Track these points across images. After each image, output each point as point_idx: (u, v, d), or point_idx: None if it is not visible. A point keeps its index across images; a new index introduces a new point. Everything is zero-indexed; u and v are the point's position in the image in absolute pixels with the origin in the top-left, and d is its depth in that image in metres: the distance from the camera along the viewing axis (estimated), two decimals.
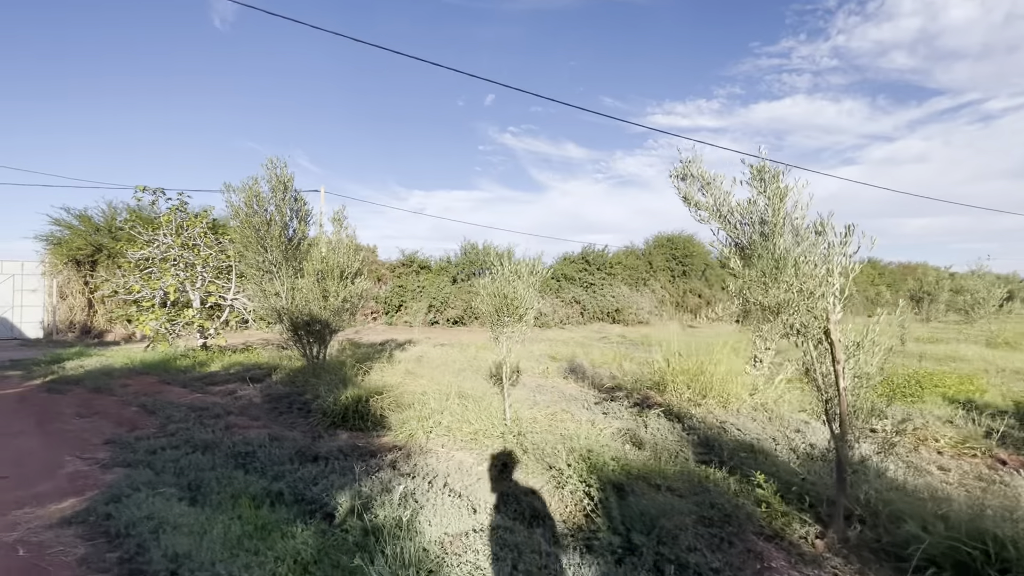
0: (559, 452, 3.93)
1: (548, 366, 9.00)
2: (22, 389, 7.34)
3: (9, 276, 16.23)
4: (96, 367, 8.84)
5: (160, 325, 9.43)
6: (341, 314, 7.80)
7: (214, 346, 10.37)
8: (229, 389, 7.39)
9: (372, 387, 6.03)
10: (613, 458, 3.57)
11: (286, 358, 9.54)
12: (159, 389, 7.38)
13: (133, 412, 6.03)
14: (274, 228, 7.19)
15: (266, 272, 7.42)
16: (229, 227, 10.36)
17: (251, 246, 7.20)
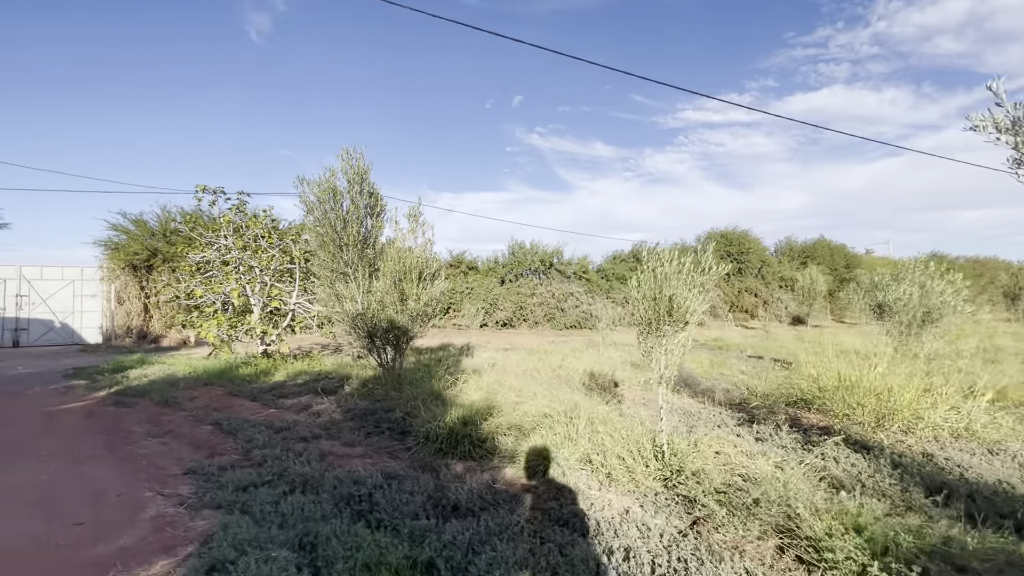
0: (769, 501, 2.98)
1: (641, 376, 8.01)
2: (88, 402, 6.86)
3: (70, 282, 16.32)
4: (160, 377, 8.36)
5: (223, 332, 8.91)
6: (420, 319, 7.03)
7: (275, 353, 9.81)
8: (303, 403, 6.71)
9: (475, 405, 5.19)
10: (903, 529, 2.54)
11: (353, 366, 8.87)
12: (229, 403, 6.77)
13: (208, 432, 5.38)
14: (351, 225, 6.47)
15: (340, 274, 6.71)
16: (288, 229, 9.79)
17: (326, 245, 6.51)
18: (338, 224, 6.48)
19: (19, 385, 8.07)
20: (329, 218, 6.46)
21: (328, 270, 6.84)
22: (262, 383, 8.26)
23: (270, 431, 5.25)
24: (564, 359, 9.13)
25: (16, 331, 15.49)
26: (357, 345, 7.68)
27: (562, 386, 7.23)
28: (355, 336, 7.18)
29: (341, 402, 6.72)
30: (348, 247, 6.56)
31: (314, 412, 6.20)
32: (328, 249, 6.52)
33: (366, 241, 6.71)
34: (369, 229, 6.74)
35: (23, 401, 6.79)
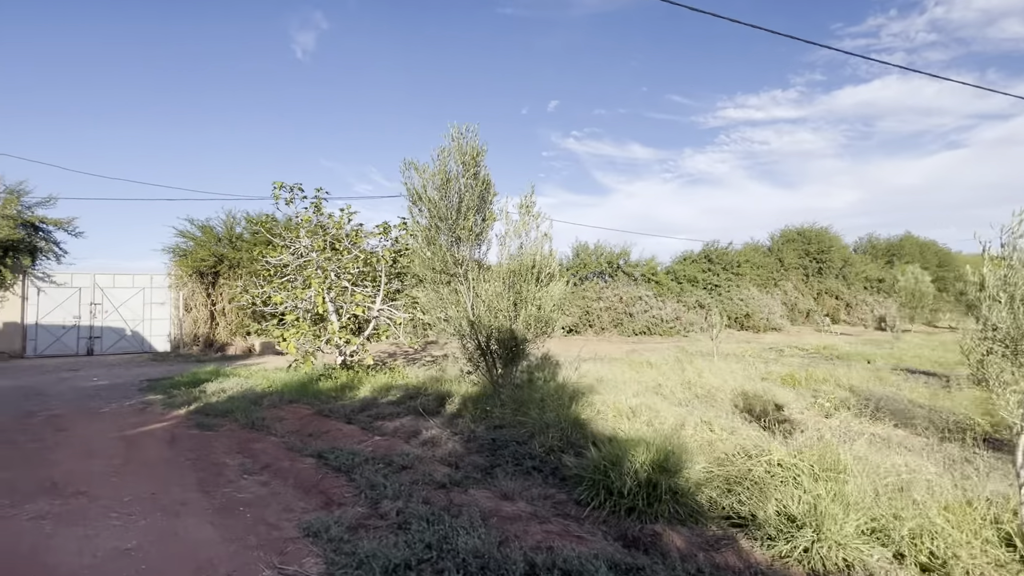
0: None
1: (801, 398, 6.58)
2: (168, 422, 6.09)
3: (140, 289, 16.25)
4: (238, 392, 7.59)
5: (307, 342, 8.09)
6: (536, 327, 5.89)
7: (354, 364, 8.92)
8: (407, 427, 5.69)
9: (649, 441, 3.96)
10: None
11: (445, 380, 7.84)
12: (322, 426, 5.84)
13: (312, 468, 4.40)
14: (466, 217, 5.42)
15: (448, 275, 5.67)
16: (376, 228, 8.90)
17: (434, 242, 5.48)
18: (450, 216, 5.44)
19: (97, 401, 7.46)
20: (440, 209, 5.43)
21: (432, 270, 5.81)
22: (349, 400, 7.34)
23: (389, 469, 4.21)
24: (696, 374, 7.77)
25: (91, 339, 15.48)
26: (462, 357, 6.64)
27: (705, 406, 5.93)
28: (462, 347, 6.12)
29: (451, 426, 5.66)
30: (461, 242, 5.51)
31: (427, 441, 5.15)
32: (437, 246, 5.49)
33: (479, 236, 5.64)
34: (481, 222, 5.66)
35: (102, 422, 6.09)
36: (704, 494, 3.48)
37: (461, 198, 5.44)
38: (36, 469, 4.24)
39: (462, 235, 5.49)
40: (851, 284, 27.49)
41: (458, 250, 5.63)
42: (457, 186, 5.45)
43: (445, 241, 5.56)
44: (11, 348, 14.58)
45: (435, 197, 5.45)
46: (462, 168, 5.41)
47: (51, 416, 6.34)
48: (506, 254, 5.99)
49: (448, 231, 5.49)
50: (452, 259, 5.65)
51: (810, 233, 27.09)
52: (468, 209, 5.44)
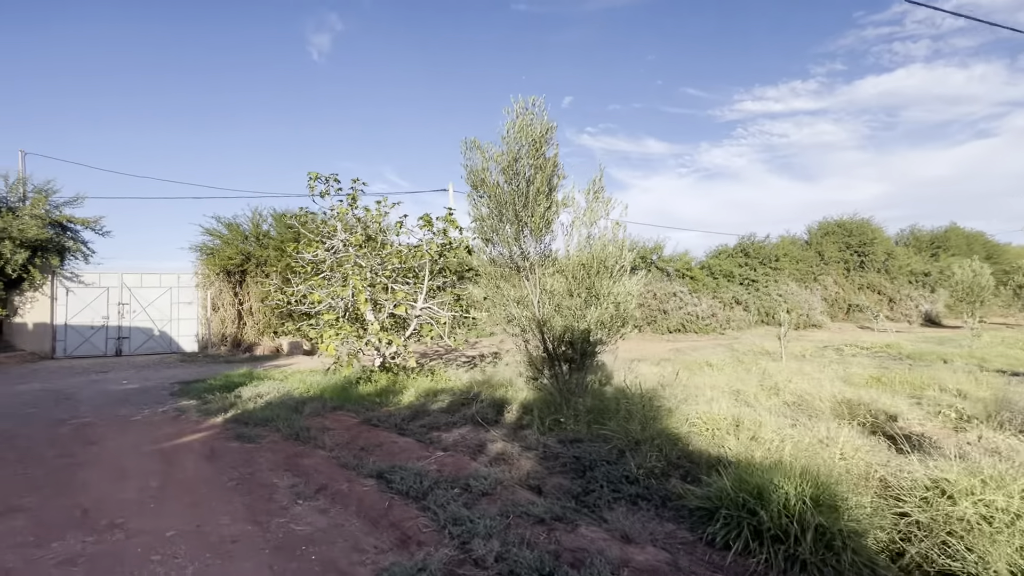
0: None
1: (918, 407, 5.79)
2: (205, 432, 5.57)
3: (167, 289, 15.98)
4: (276, 397, 7.07)
5: (348, 343, 7.54)
6: (609, 326, 5.22)
7: (394, 366, 8.36)
8: (469, 440, 5.08)
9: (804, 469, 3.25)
10: None
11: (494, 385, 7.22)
12: (374, 438, 5.25)
13: (375, 492, 3.80)
14: (536, 203, 4.76)
15: (511, 269, 5.03)
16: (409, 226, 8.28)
17: (499, 231, 4.84)
18: (516, 202, 4.79)
19: (127, 407, 7.01)
20: (505, 194, 4.79)
21: (493, 264, 5.18)
22: (394, 406, 6.76)
23: (467, 496, 3.59)
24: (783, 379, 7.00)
25: (119, 340, 15.26)
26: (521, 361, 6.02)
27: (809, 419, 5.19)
28: (524, 350, 5.48)
29: (517, 438, 5.03)
30: (528, 232, 4.86)
31: (497, 458, 4.52)
32: (503, 236, 4.85)
33: (549, 225, 4.98)
34: (548, 209, 4.99)
35: (135, 432, 5.60)
36: (873, 537, 2.78)
37: (530, 181, 4.78)
38: (65, 493, 3.72)
39: (530, 224, 4.84)
40: (894, 278, 26.16)
41: (523, 241, 4.98)
42: (525, 168, 4.79)
43: (510, 231, 4.92)
44: (41, 349, 14.41)
45: (500, 181, 4.80)
46: (530, 147, 4.75)
47: (81, 425, 5.88)
48: (573, 245, 5.32)
49: (514, 219, 4.84)
50: (518, 251, 5.01)
51: (851, 225, 25.84)
52: (538, 193, 4.79)
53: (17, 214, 13.79)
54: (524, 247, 5.00)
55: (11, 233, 13.42)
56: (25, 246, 13.69)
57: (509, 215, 4.85)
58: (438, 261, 7.66)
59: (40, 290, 14.50)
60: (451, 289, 8.07)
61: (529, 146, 4.73)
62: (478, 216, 5.08)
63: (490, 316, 5.53)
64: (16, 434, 5.43)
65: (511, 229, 4.91)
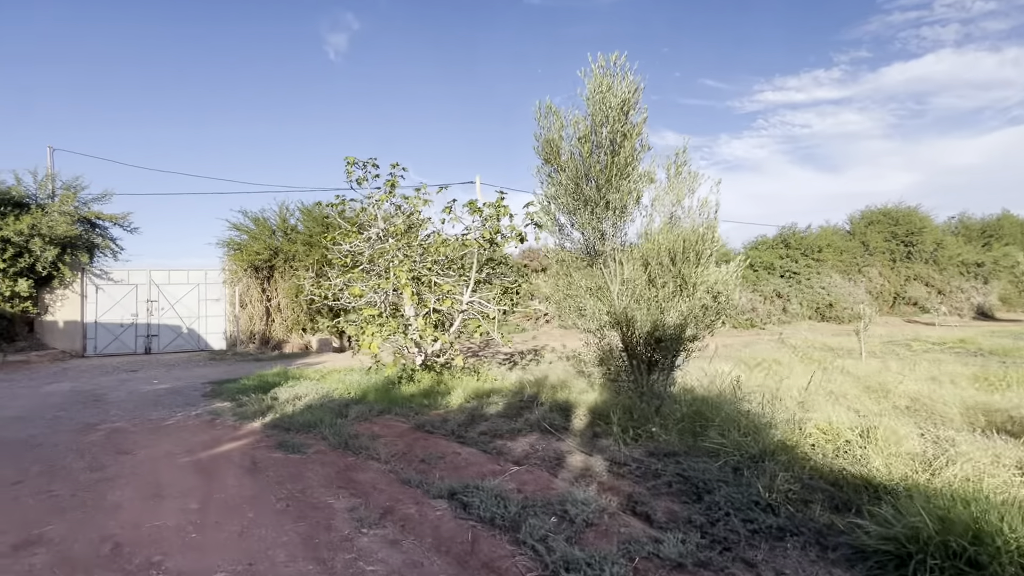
0: None
1: None
2: (243, 441, 5.04)
3: (195, 285, 15.72)
4: (315, 399, 6.54)
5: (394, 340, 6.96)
6: (706, 318, 4.52)
7: (435, 364, 7.77)
8: (541, 451, 4.45)
9: None
10: None
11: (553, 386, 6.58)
12: (432, 447, 4.66)
13: (451, 518, 3.19)
14: (621, 177, 4.08)
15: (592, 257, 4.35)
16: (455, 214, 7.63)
17: (577, 213, 4.18)
18: (600, 176, 4.11)
19: (159, 409, 6.57)
20: (585, 167, 4.11)
21: (564, 250, 4.51)
22: (444, 409, 6.17)
23: (567, 526, 2.95)
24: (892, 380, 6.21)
25: (148, 337, 15.05)
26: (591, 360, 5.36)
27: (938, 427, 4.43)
28: (597, 347, 4.82)
29: (595, 449, 4.39)
30: (609, 213, 4.18)
31: (582, 474, 3.88)
32: (580, 217, 4.18)
33: (637, 203, 4.30)
34: (631, 185, 4.30)
35: (168, 439, 5.10)
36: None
37: (615, 150, 4.10)
38: (94, 519, 3.19)
39: (614, 201, 4.16)
40: (943, 269, 24.72)
41: (602, 222, 4.30)
42: (608, 135, 4.11)
43: (588, 211, 4.25)
44: (72, 347, 14.26)
45: (578, 152, 4.13)
46: (617, 111, 4.06)
47: (111, 431, 5.41)
48: (655, 228, 4.62)
49: (595, 196, 4.17)
50: (596, 235, 4.33)
51: (897, 213, 24.47)
52: (625, 165, 4.10)
53: (46, 211, 13.61)
54: (603, 229, 4.32)
55: (41, 230, 13.24)
56: (55, 243, 13.51)
57: (589, 191, 4.18)
58: (487, 250, 7.03)
59: (70, 287, 14.34)
60: (499, 281, 7.44)
61: (615, 110, 4.05)
62: (549, 195, 4.42)
63: (558, 310, 4.88)
64: (42, 442, 4.98)
65: (590, 208, 4.24)
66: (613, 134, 4.07)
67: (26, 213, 13.29)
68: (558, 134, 4.25)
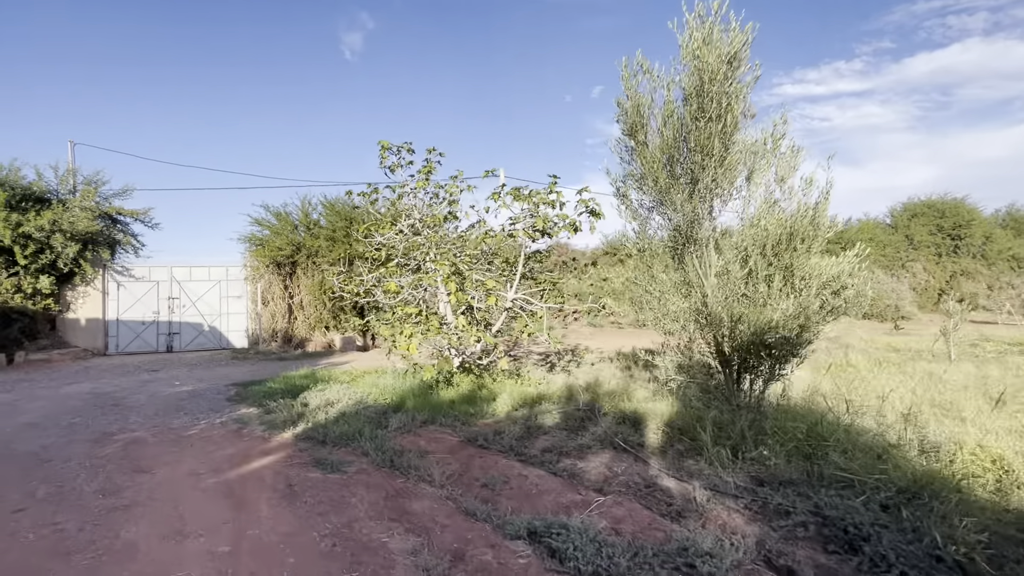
0: None
1: None
2: (275, 456, 4.46)
3: (216, 282, 15.35)
4: (349, 405, 5.95)
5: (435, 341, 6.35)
6: (818, 317, 3.80)
7: (473, 367, 7.14)
8: (619, 473, 3.78)
9: None
10: None
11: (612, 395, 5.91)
12: (491, 466, 4.02)
13: (539, 570, 2.54)
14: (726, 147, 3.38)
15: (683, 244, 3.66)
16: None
17: (671, 189, 3.48)
18: (701, 150, 3.41)
19: (181, 416, 6.05)
20: (676, 141, 3.42)
21: (644, 238, 3.82)
22: (492, 418, 5.54)
23: None
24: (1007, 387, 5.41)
25: (170, 335, 14.73)
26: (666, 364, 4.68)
27: None
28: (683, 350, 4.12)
29: (686, 471, 3.70)
30: (711, 189, 3.47)
31: (684, 507, 3.19)
32: (671, 199, 3.49)
33: (749, 178, 3.59)
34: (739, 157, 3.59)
35: (191, 453, 4.55)
36: None
37: (721, 114, 3.38)
38: (103, 566, 2.60)
39: (719, 180, 3.45)
40: (992, 263, 23.37)
41: (698, 204, 3.60)
42: (715, 98, 3.39)
43: (682, 193, 3.55)
44: (94, 345, 13.98)
45: (685, 116, 3.41)
46: (724, 68, 3.34)
47: (129, 443, 4.88)
48: (754, 211, 3.90)
49: (696, 169, 3.46)
50: (687, 220, 3.63)
51: (943, 206, 23.18)
52: (732, 134, 3.39)
53: (67, 206, 13.31)
54: (697, 213, 3.62)
55: (62, 226, 12.94)
56: (76, 239, 13.21)
57: (686, 165, 3.48)
58: (536, 240, 6.36)
59: (92, 284, 14.06)
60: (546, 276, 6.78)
61: (722, 64, 3.33)
62: (630, 174, 3.74)
63: (634, 308, 4.20)
64: (53, 456, 4.46)
65: (684, 187, 3.54)
66: (719, 95, 3.37)
67: (47, 208, 13.00)
68: (650, 97, 3.56)
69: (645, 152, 3.62)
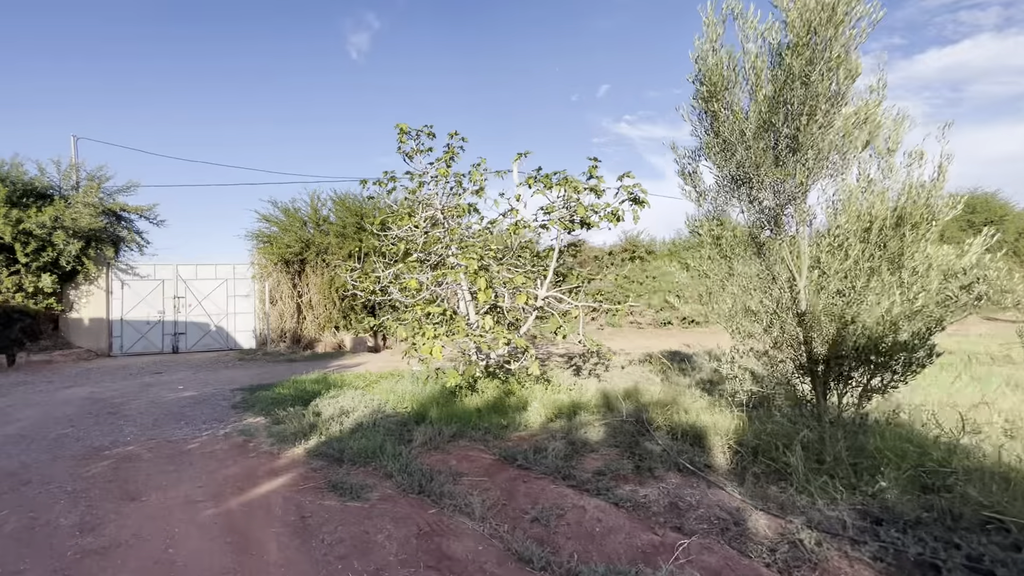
0: None
1: None
2: (285, 477, 3.88)
3: (222, 281, 14.86)
4: (366, 415, 5.36)
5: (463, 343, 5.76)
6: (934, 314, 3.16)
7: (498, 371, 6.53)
8: (690, 502, 3.16)
9: None
10: None
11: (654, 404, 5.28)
12: (541, 495, 3.40)
13: None
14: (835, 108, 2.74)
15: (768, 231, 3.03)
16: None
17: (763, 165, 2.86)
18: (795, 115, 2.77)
19: (181, 426, 5.50)
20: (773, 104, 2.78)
21: (718, 224, 3.19)
22: (526, 430, 4.93)
23: None
24: None
25: (175, 336, 14.25)
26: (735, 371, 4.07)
27: None
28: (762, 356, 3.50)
29: (771, 500, 3.07)
30: (797, 166, 2.84)
31: (791, 555, 2.56)
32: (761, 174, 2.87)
33: (864, 146, 2.95)
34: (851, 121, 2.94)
35: (189, 474, 3.98)
36: None
37: (832, 69, 2.73)
38: None
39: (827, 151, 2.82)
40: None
41: (792, 182, 2.97)
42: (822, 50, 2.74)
43: (775, 168, 2.92)
44: (98, 346, 13.53)
45: (792, 68, 2.76)
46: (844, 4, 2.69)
47: (121, 459, 4.32)
48: (853, 189, 3.25)
49: (790, 142, 2.83)
50: (777, 200, 3.00)
51: (973, 200, 22.23)
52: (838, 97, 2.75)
53: (69, 202, 12.86)
54: (792, 192, 2.98)
55: (64, 222, 12.49)
56: (78, 236, 12.76)
57: (784, 133, 2.84)
58: (572, 231, 5.73)
59: (95, 283, 13.61)
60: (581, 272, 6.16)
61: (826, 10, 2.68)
62: (711, 145, 3.11)
63: (707, 307, 3.58)
64: (32, 477, 3.90)
65: (780, 159, 2.90)
66: (829, 45, 2.73)
67: (49, 204, 12.55)
68: (741, 49, 2.92)
69: (730, 118, 2.99)
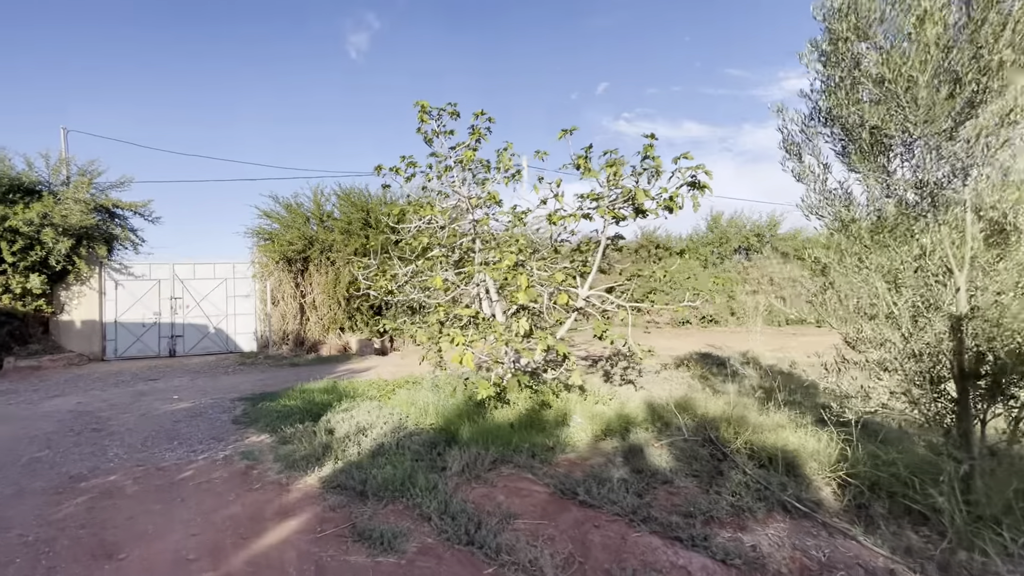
0: None
1: None
2: (298, 519, 3.17)
3: (222, 280, 14.16)
4: (387, 434, 4.65)
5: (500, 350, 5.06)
6: None
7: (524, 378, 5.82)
8: (827, 562, 2.45)
9: None
10: None
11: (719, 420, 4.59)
12: (629, 549, 2.70)
13: None
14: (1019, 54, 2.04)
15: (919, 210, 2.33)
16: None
17: (929, 111, 2.15)
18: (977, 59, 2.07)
19: (174, 446, 4.80)
20: (931, 40, 2.08)
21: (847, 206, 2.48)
22: (575, 453, 4.24)
23: None
24: None
25: (172, 338, 13.54)
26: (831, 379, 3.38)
27: None
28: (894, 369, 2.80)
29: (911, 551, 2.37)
30: (976, 128, 2.14)
31: None
32: (924, 140, 2.16)
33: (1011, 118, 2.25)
34: None
35: (182, 515, 3.27)
36: None
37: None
38: None
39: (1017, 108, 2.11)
40: None
41: (957, 142, 2.27)
42: None
43: (943, 129, 2.21)
44: (90, 350, 12.82)
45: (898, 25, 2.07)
46: None
47: (100, 495, 3.62)
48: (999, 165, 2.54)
49: (972, 96, 2.12)
50: (940, 169, 2.31)
51: None
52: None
53: (59, 198, 12.15)
54: (961, 162, 2.29)
55: (53, 220, 11.78)
56: (69, 234, 12.05)
57: (962, 84, 2.13)
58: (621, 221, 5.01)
59: (87, 283, 12.91)
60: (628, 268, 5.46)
61: None
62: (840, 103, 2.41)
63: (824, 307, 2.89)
64: None
65: (957, 116, 2.19)
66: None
67: (37, 201, 11.85)
68: None
69: (889, 61, 2.27)
